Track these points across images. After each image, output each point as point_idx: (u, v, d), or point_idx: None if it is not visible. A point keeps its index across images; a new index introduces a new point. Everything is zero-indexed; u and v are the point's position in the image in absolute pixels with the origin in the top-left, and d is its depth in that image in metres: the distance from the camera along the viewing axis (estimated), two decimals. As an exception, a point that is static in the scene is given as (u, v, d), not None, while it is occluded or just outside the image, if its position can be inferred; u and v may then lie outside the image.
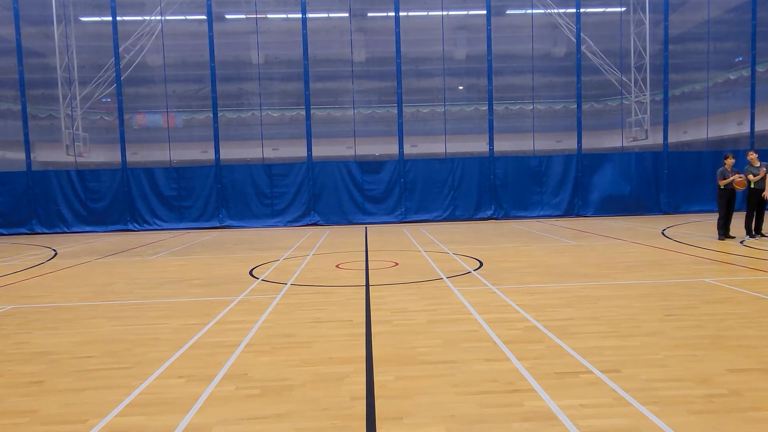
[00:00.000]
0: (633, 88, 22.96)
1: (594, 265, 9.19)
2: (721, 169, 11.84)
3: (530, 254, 10.85)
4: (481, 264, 9.65)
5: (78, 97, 21.78)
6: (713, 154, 20.59)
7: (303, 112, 20.97)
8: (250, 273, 9.41)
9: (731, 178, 11.67)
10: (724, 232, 11.90)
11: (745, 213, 12.12)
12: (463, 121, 26.82)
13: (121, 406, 3.78)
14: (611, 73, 22.38)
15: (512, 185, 20.25)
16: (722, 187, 11.78)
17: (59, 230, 19.49)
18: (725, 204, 11.81)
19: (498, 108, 23.63)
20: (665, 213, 20.08)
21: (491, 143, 20.52)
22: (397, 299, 6.98)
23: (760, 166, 11.89)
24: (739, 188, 11.83)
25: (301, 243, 14.09)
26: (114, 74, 20.38)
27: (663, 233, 13.85)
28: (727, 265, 8.87)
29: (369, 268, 9.66)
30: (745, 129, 21.34)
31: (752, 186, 11.77)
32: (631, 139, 23.42)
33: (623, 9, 23.84)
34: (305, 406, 3.72)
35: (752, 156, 12.02)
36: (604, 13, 25.55)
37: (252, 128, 25.10)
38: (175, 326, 5.94)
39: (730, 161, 11.80)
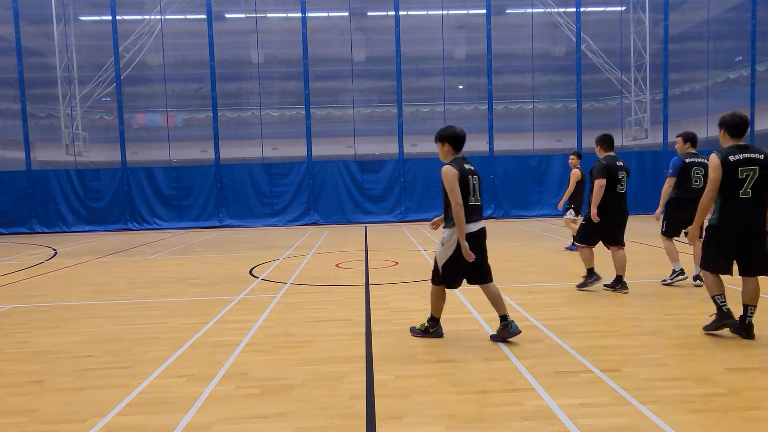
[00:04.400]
0: (633, 87, 22.97)
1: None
2: None
3: (530, 253, 10.85)
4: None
5: (78, 97, 21.78)
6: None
7: (303, 112, 20.97)
8: (250, 272, 9.41)
9: None
10: None
11: None
12: (463, 121, 26.76)
13: (121, 406, 3.79)
14: (611, 73, 22.38)
15: (512, 184, 20.24)
16: None
17: (59, 229, 19.48)
18: None
19: (498, 107, 23.60)
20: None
21: (491, 142, 20.52)
22: (397, 298, 6.98)
23: None
24: None
25: (300, 242, 14.10)
26: (114, 73, 20.37)
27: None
28: (726, 264, 8.86)
29: (369, 267, 9.67)
30: (745, 128, 21.31)
31: None
32: (631, 139, 23.42)
33: (623, 8, 23.83)
34: (305, 405, 3.72)
35: None
36: (604, 12, 25.55)
37: (252, 127, 25.10)
38: (175, 325, 5.94)
39: None
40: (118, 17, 20.23)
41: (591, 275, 7.08)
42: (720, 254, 4.86)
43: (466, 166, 4.98)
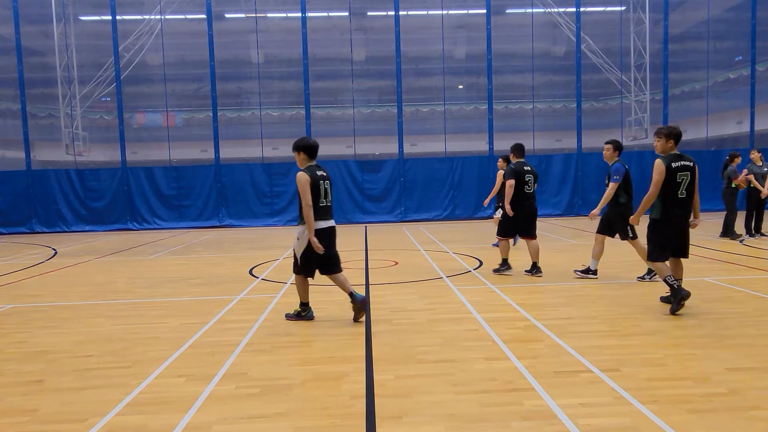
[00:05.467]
0: (633, 87, 22.97)
1: (594, 264, 9.17)
2: (733, 167, 11.82)
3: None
4: (481, 263, 9.65)
5: (77, 96, 21.77)
6: (713, 153, 20.58)
7: (303, 111, 20.97)
8: (250, 272, 9.41)
9: (742, 177, 11.73)
10: (733, 230, 11.98)
11: (746, 212, 12.14)
12: (463, 120, 26.81)
13: (121, 405, 3.79)
14: (611, 72, 22.37)
15: (512, 184, 20.19)
16: (734, 186, 11.82)
17: (59, 229, 19.48)
18: (736, 202, 11.91)
19: (498, 107, 23.61)
20: (665, 212, 20.05)
21: (491, 142, 20.51)
22: (397, 298, 6.98)
23: (762, 165, 11.93)
24: (741, 187, 11.89)
25: (300, 242, 14.07)
26: (113, 73, 20.36)
27: (663, 232, 13.82)
28: (726, 264, 8.87)
29: (369, 267, 9.67)
30: (745, 128, 21.34)
31: (752, 185, 11.81)
32: (631, 138, 23.42)
33: (623, 8, 23.84)
34: (305, 405, 3.72)
35: (755, 155, 12.06)
36: (603, 12, 25.55)
37: (251, 127, 25.10)
38: (175, 325, 5.94)
39: (738, 160, 11.87)
40: (118, 17, 20.21)
41: (505, 264, 8.45)
42: (666, 246, 5.84)
43: (318, 173, 5.69)
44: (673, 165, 5.68)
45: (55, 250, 13.95)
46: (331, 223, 5.78)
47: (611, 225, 7.63)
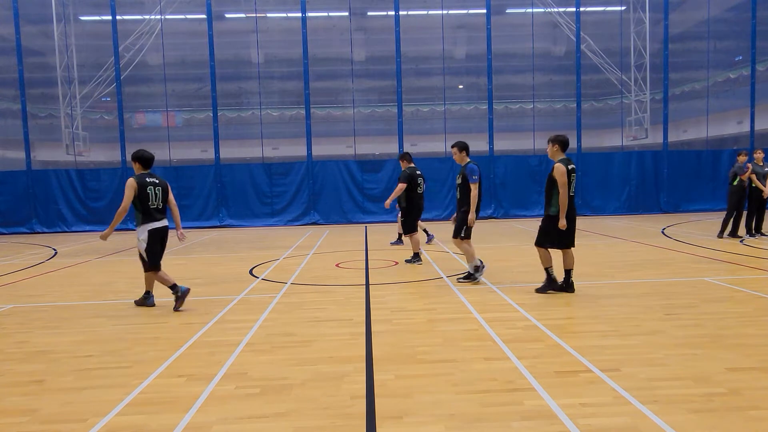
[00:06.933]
0: (633, 87, 22.98)
1: (593, 264, 9.18)
2: (739, 164, 11.82)
3: (530, 253, 10.83)
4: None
5: (78, 96, 21.79)
6: (713, 153, 20.58)
7: (303, 111, 20.96)
8: (250, 272, 9.41)
9: (748, 174, 11.74)
10: (734, 229, 11.97)
11: (746, 212, 12.15)
12: (463, 120, 26.80)
13: (121, 405, 3.79)
14: (611, 72, 22.38)
15: (512, 184, 20.22)
16: (735, 183, 11.82)
17: (59, 229, 19.48)
18: (740, 201, 11.92)
19: (498, 107, 23.60)
20: (665, 212, 20.09)
21: (491, 142, 20.51)
22: (397, 298, 6.98)
23: (763, 165, 11.94)
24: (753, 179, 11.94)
25: (300, 242, 14.09)
26: (114, 73, 20.36)
27: (663, 232, 13.85)
28: (726, 264, 8.87)
29: (369, 267, 9.67)
30: (745, 128, 21.34)
31: (753, 185, 11.82)
32: (631, 138, 23.44)
33: (623, 8, 23.84)
34: (305, 405, 3.72)
35: (758, 155, 12.07)
36: (604, 11, 25.55)
37: (252, 127, 25.10)
38: (175, 325, 5.94)
39: (744, 158, 11.88)
40: (118, 17, 20.21)
41: (416, 257, 9.79)
42: (563, 237, 6.77)
43: (149, 180, 6.65)
44: (569, 167, 6.66)
45: (55, 250, 13.95)
46: (164, 222, 6.78)
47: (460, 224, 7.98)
